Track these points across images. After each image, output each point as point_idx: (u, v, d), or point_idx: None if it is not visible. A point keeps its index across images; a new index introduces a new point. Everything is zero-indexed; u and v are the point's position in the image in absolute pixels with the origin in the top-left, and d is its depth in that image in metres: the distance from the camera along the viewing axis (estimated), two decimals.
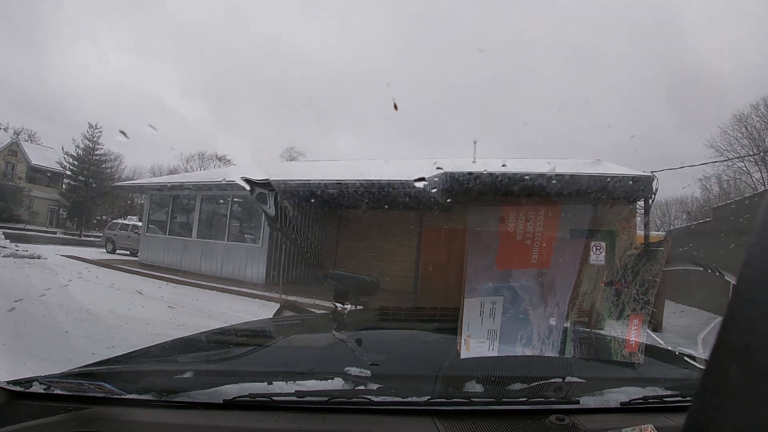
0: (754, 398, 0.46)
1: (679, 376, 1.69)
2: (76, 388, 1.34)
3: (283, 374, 1.44)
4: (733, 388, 0.48)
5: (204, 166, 41.58)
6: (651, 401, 1.37)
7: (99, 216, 36.28)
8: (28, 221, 31.68)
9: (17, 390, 1.33)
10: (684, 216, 26.48)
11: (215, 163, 43.91)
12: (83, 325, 5.24)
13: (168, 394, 1.30)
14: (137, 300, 8.29)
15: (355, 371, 1.41)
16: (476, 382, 1.41)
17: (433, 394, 1.33)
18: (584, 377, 1.50)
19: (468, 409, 1.31)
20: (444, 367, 1.61)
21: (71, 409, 1.26)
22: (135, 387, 1.33)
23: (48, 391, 1.32)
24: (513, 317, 2.10)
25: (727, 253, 11.95)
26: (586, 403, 1.34)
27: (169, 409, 1.28)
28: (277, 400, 1.28)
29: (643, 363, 1.79)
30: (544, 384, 1.42)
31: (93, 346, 4.35)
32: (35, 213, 34.86)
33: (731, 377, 0.48)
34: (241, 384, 1.32)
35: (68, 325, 5.13)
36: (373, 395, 1.31)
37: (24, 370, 1.63)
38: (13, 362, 3.18)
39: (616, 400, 1.36)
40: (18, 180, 34.81)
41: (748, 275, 0.49)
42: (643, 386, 1.45)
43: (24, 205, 34.29)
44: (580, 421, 1.26)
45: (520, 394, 1.37)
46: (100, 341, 4.57)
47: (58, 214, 35.98)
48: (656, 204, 33.25)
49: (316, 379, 1.39)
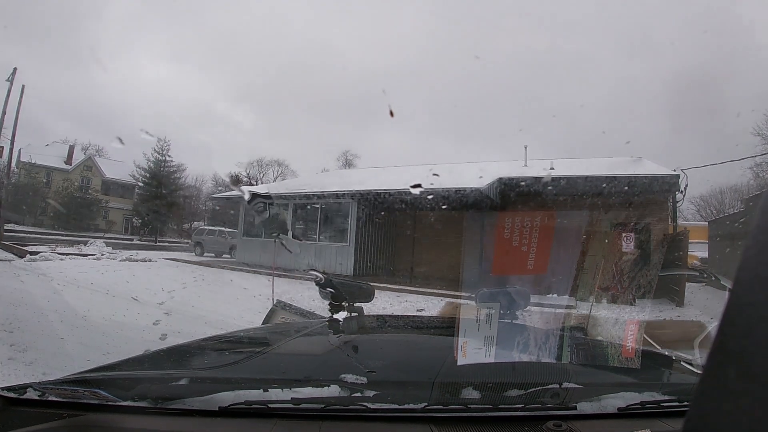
0: (751, 402, 0.46)
1: (677, 381, 1.68)
2: (71, 395, 1.34)
3: (279, 381, 1.46)
4: (731, 392, 0.47)
5: (263, 171, 45.29)
6: (648, 406, 1.36)
7: (173, 224, 39.51)
8: (106, 230, 35.37)
9: (11, 396, 1.32)
10: (739, 204, 26.48)
11: (275, 168, 47.00)
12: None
13: (163, 401, 1.31)
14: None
15: (352, 378, 1.40)
16: (473, 389, 1.39)
17: (430, 401, 1.32)
18: (581, 383, 1.48)
19: (465, 415, 1.31)
20: (441, 374, 1.58)
21: (65, 416, 1.26)
22: (130, 394, 1.33)
23: (42, 398, 1.32)
24: (509, 323, 2.14)
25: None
26: (584, 408, 1.33)
27: (165, 417, 1.29)
28: (273, 407, 1.28)
29: (640, 368, 1.76)
30: (541, 390, 1.40)
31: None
32: (111, 222, 38.71)
33: (728, 381, 0.48)
34: (237, 391, 1.33)
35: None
36: (370, 402, 1.31)
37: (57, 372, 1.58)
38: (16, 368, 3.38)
39: (613, 405, 1.35)
40: (95, 192, 38.67)
41: (745, 279, 0.49)
42: (640, 391, 1.44)
43: (101, 216, 38.16)
44: (578, 427, 1.25)
45: (517, 400, 1.36)
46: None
47: (132, 222, 39.49)
48: (711, 194, 32.94)
49: (313, 386, 1.39)
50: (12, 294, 6.85)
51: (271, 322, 3.35)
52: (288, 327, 2.74)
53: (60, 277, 9.50)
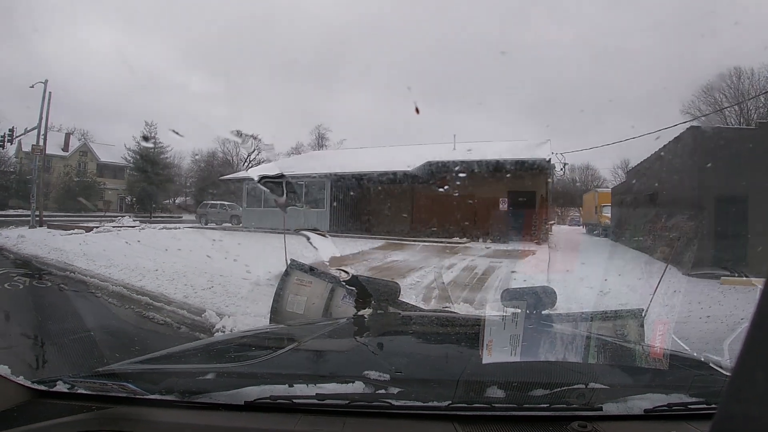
0: None
1: (705, 383, 1.63)
2: (100, 388, 1.37)
3: (304, 377, 1.47)
4: (760, 396, 0.47)
5: (239, 147, 48.41)
6: (675, 408, 1.33)
7: (163, 200, 43.48)
8: (105, 210, 39.09)
9: (42, 389, 1.36)
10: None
11: (252, 141, 50.56)
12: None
13: (190, 395, 1.33)
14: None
15: (376, 375, 1.40)
16: (498, 388, 1.38)
17: (454, 399, 1.31)
18: (607, 383, 1.45)
19: (489, 414, 1.30)
20: (465, 372, 1.54)
21: (94, 408, 1.29)
22: (157, 387, 1.36)
23: (72, 391, 1.36)
24: (535, 322, 2.13)
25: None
26: (609, 409, 1.31)
27: (191, 410, 1.31)
28: (297, 402, 1.30)
29: (668, 369, 1.67)
30: (567, 390, 1.38)
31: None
32: (108, 202, 42.77)
33: (758, 384, 0.47)
34: (263, 386, 1.35)
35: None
36: (394, 399, 1.31)
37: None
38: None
39: (640, 407, 1.33)
40: (92, 176, 42.87)
41: None
42: (667, 393, 1.41)
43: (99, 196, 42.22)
44: (603, 428, 1.24)
45: (542, 400, 1.34)
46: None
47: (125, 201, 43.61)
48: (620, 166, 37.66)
49: (337, 382, 1.38)
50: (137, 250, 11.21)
51: (287, 281, 3.54)
52: (313, 324, 2.74)
53: (145, 240, 13.30)
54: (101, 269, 9.24)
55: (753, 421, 0.48)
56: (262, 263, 8.20)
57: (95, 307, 6.75)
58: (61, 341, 4.45)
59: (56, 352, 4.14)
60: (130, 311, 6.65)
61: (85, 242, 13.19)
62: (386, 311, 2.43)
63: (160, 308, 6.76)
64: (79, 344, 4.34)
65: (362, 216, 20.94)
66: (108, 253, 10.70)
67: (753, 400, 0.48)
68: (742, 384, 0.50)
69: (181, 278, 8.44)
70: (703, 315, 5.88)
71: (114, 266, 9.43)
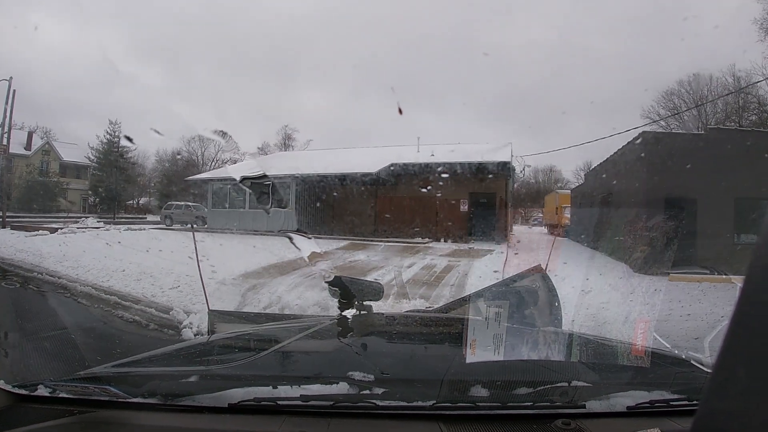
0: (761, 401, 0.46)
1: (686, 380, 1.65)
2: (82, 392, 1.35)
3: (288, 378, 1.47)
4: (740, 392, 0.48)
5: (205, 146, 48.36)
6: (657, 405, 1.36)
7: (127, 200, 42.91)
8: (68, 210, 37.98)
9: (23, 393, 1.33)
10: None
11: (216, 141, 49.68)
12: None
13: (173, 397, 1.32)
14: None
15: (360, 376, 1.38)
16: (482, 387, 1.39)
17: (439, 399, 1.32)
18: (590, 381, 1.48)
19: (473, 413, 1.31)
20: (449, 372, 1.52)
21: (76, 412, 1.28)
22: (140, 390, 1.33)
23: (53, 395, 1.33)
24: (518, 321, 2.12)
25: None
26: (593, 407, 1.33)
27: (174, 413, 1.30)
28: (282, 404, 1.29)
29: (650, 367, 1.69)
30: (550, 388, 1.38)
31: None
32: (71, 203, 41.64)
33: (738, 380, 0.48)
34: (246, 388, 1.34)
35: None
36: (378, 399, 1.31)
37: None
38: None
39: (623, 404, 1.34)
40: (54, 175, 41.61)
41: (755, 277, 0.50)
42: (649, 390, 1.42)
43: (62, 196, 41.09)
44: (587, 425, 1.25)
45: (526, 398, 1.35)
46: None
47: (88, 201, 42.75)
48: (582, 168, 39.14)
49: (321, 383, 1.38)
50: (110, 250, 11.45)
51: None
52: (296, 325, 2.63)
53: (113, 241, 13.18)
54: (69, 270, 9.35)
55: (734, 416, 0.50)
56: (227, 264, 8.59)
57: (66, 307, 6.77)
58: (36, 341, 4.58)
59: (32, 351, 4.26)
60: (99, 310, 6.86)
61: (51, 243, 13.08)
62: (370, 311, 2.42)
63: (129, 307, 7.02)
64: (53, 342, 4.43)
65: (327, 217, 21.35)
66: (75, 253, 10.76)
67: (734, 396, 0.50)
68: (722, 380, 0.51)
69: (148, 278, 8.71)
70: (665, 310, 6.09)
71: (81, 267, 9.56)
